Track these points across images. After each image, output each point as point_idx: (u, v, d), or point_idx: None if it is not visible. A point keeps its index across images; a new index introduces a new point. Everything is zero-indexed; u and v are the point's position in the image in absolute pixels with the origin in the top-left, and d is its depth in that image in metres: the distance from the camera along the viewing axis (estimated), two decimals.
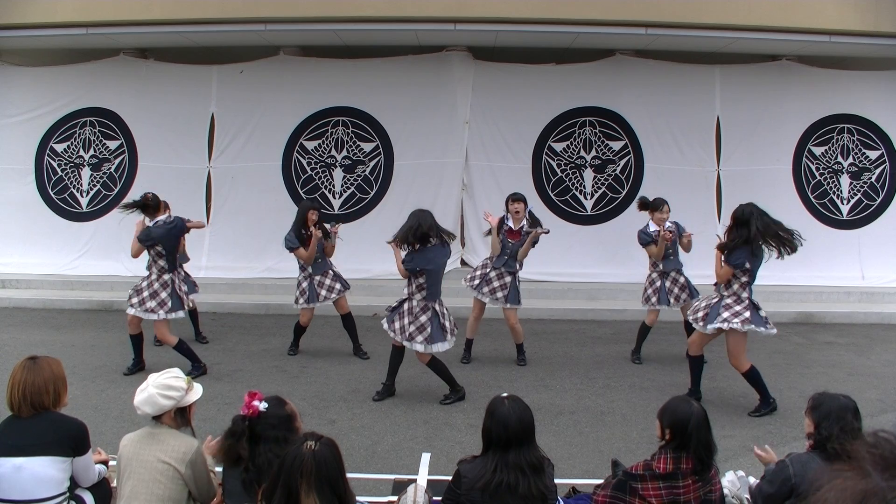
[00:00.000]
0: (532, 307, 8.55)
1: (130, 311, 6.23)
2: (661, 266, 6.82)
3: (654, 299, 6.85)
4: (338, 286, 6.92)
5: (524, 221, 6.59)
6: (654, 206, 6.78)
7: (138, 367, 6.42)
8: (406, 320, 5.64)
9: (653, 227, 6.73)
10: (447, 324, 5.73)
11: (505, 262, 6.60)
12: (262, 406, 2.75)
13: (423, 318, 5.63)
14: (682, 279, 6.85)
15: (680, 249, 6.89)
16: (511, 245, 6.56)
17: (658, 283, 6.84)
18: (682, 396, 3.07)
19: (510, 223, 6.60)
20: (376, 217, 9.96)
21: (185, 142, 10.31)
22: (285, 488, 2.30)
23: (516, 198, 6.61)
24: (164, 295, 6.19)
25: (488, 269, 6.69)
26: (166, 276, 6.23)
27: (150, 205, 6.15)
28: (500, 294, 6.62)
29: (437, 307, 5.72)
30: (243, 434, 2.73)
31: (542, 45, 9.92)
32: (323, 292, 6.86)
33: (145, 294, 6.20)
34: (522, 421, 2.82)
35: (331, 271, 6.94)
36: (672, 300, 6.80)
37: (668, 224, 6.75)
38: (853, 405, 2.98)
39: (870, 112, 10.29)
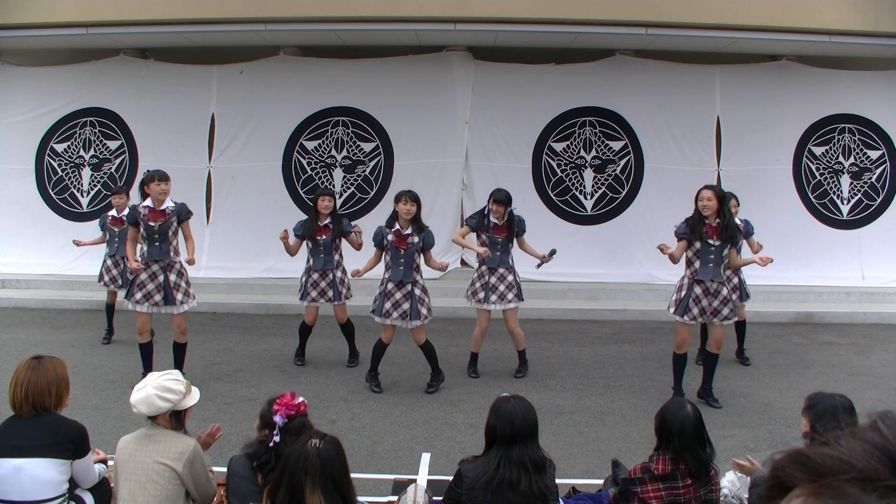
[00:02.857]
0: (532, 307, 8.54)
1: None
2: None
3: None
4: (330, 293, 6.48)
5: (506, 218, 6.33)
6: None
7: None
8: (386, 302, 5.80)
9: None
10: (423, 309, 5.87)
11: (499, 259, 6.33)
12: (302, 399, 2.82)
13: (399, 295, 5.77)
14: (735, 279, 6.66)
15: (745, 248, 6.74)
16: (500, 240, 6.32)
17: None
18: (679, 399, 3.07)
19: (494, 219, 6.29)
20: (376, 217, 9.93)
21: (186, 142, 10.31)
22: (289, 486, 2.32)
23: (498, 199, 6.24)
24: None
25: (486, 277, 6.33)
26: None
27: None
28: (510, 295, 6.31)
29: (414, 290, 5.81)
30: (309, 428, 2.75)
31: (542, 45, 9.92)
32: (313, 293, 6.49)
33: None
34: (528, 418, 2.83)
35: (332, 274, 6.49)
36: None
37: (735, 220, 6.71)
38: (849, 404, 2.99)
39: (870, 112, 10.28)
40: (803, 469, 0.77)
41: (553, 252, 6.40)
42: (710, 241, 5.47)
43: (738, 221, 6.63)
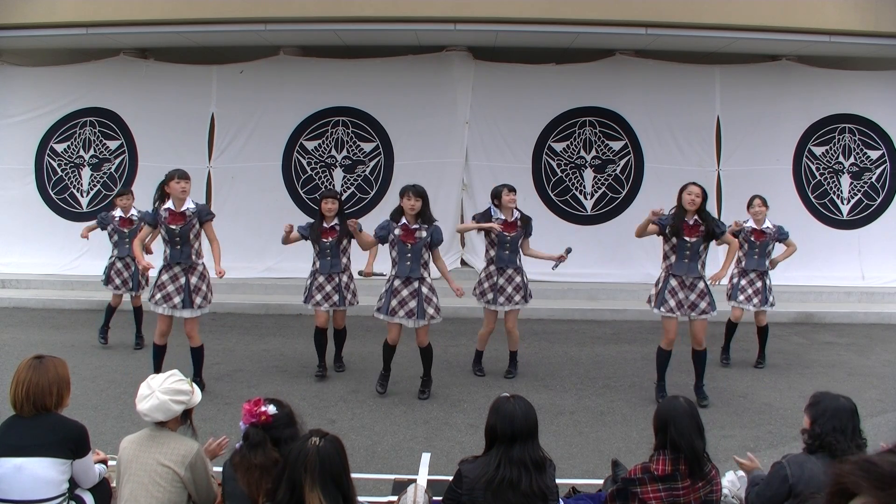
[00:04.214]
0: (532, 307, 8.48)
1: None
2: (743, 264, 6.80)
3: (732, 294, 6.88)
4: (335, 298, 6.24)
5: (516, 213, 6.26)
6: (748, 205, 6.89)
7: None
8: (393, 299, 5.67)
9: (750, 223, 6.80)
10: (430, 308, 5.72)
11: (508, 258, 6.23)
12: (272, 409, 2.77)
13: (405, 293, 5.64)
14: (759, 283, 6.78)
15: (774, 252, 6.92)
16: (510, 238, 6.20)
17: (735, 280, 6.86)
18: (674, 395, 3.07)
19: (501, 216, 6.20)
20: (376, 217, 9.89)
21: (186, 142, 10.32)
22: (290, 482, 2.34)
23: (512, 188, 6.26)
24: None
25: (495, 277, 6.24)
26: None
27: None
28: (517, 297, 6.26)
29: (422, 287, 5.68)
30: (263, 442, 2.71)
31: (542, 45, 9.92)
32: (318, 297, 6.23)
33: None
34: (528, 417, 2.82)
35: (338, 278, 6.24)
36: (743, 299, 6.80)
37: (765, 224, 6.80)
38: (852, 407, 2.98)
39: (870, 112, 10.30)
40: (869, 477, 0.76)
41: (569, 250, 6.27)
42: (686, 239, 5.56)
43: (769, 225, 6.80)
